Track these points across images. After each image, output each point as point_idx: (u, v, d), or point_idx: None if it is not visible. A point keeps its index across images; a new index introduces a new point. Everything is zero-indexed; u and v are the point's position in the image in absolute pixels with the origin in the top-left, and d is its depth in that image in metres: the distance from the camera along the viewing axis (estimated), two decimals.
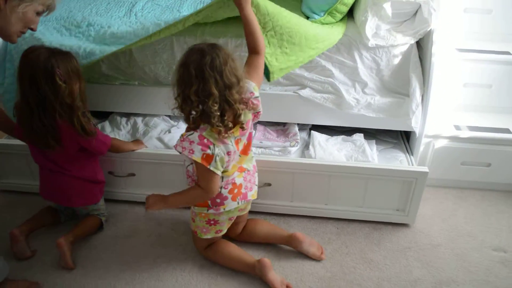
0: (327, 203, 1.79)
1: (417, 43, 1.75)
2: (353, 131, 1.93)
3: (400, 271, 1.59)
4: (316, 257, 1.62)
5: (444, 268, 1.61)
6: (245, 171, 1.48)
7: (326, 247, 1.69)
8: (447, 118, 2.00)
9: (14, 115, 1.58)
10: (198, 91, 1.23)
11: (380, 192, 1.72)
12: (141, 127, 1.97)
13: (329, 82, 1.80)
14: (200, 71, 1.22)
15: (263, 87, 1.86)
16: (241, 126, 1.33)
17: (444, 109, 2.03)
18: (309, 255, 1.62)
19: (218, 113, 1.25)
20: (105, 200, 1.82)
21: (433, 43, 1.66)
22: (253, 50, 1.46)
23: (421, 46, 1.77)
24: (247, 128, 1.37)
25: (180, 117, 1.35)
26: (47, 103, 1.46)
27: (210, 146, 1.29)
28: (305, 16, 1.80)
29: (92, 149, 1.61)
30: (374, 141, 1.92)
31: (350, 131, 1.95)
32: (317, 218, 1.83)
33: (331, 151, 1.80)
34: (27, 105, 1.48)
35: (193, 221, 1.55)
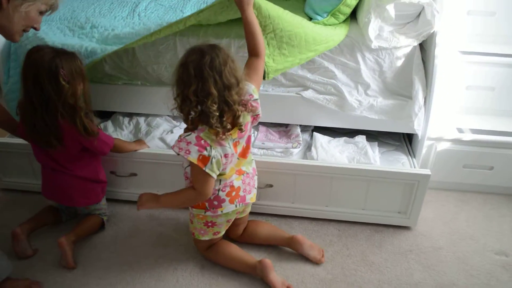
0: (328, 205, 1.78)
1: (420, 45, 1.75)
2: (355, 133, 1.93)
3: (401, 274, 1.59)
4: (316, 261, 1.61)
5: (445, 271, 1.60)
6: (244, 174, 1.47)
7: (327, 249, 1.68)
8: (450, 120, 1.99)
9: (17, 114, 1.58)
10: (197, 90, 1.23)
11: (382, 194, 1.72)
12: (143, 127, 1.97)
13: (331, 83, 1.80)
14: (199, 70, 1.22)
15: (265, 88, 1.86)
16: (239, 128, 1.32)
17: (446, 111, 2.02)
18: (309, 258, 1.62)
19: (217, 114, 1.24)
20: (107, 199, 1.82)
21: (436, 45, 1.66)
22: (253, 52, 1.46)
23: (424, 48, 1.77)
24: (245, 130, 1.36)
25: (181, 117, 1.35)
26: (50, 103, 1.46)
27: (207, 147, 1.28)
28: (308, 17, 1.80)
29: (94, 149, 1.61)
30: (376, 143, 1.92)
31: (352, 133, 1.95)
32: (318, 220, 1.82)
33: (333, 153, 1.79)
34: (30, 104, 1.48)
35: (191, 222, 1.55)
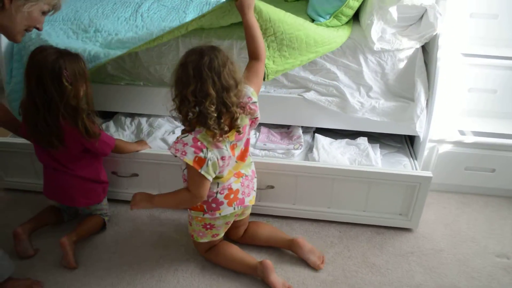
0: (330, 206, 1.78)
1: (423, 47, 1.75)
2: (357, 135, 1.93)
3: (402, 276, 1.59)
4: (315, 266, 1.59)
5: (446, 273, 1.60)
6: (243, 177, 1.47)
7: (328, 251, 1.68)
8: (452, 123, 1.99)
9: (19, 114, 1.58)
10: (195, 91, 1.22)
11: (383, 196, 1.72)
12: (145, 128, 1.97)
13: (333, 85, 1.80)
14: (198, 71, 1.22)
15: (267, 89, 1.86)
16: (237, 130, 1.31)
17: (448, 114, 2.02)
18: (309, 263, 1.60)
19: (215, 115, 1.24)
20: (108, 200, 1.82)
21: (438, 48, 1.66)
22: (254, 56, 1.46)
23: (427, 50, 1.77)
24: (243, 133, 1.35)
25: (180, 118, 1.34)
26: (53, 103, 1.46)
27: (203, 149, 1.28)
28: (311, 19, 1.80)
29: (95, 150, 1.61)
30: (378, 145, 1.91)
31: (354, 135, 1.95)
32: (319, 221, 1.82)
33: (334, 155, 1.79)
34: (33, 104, 1.48)
35: (190, 224, 1.55)
